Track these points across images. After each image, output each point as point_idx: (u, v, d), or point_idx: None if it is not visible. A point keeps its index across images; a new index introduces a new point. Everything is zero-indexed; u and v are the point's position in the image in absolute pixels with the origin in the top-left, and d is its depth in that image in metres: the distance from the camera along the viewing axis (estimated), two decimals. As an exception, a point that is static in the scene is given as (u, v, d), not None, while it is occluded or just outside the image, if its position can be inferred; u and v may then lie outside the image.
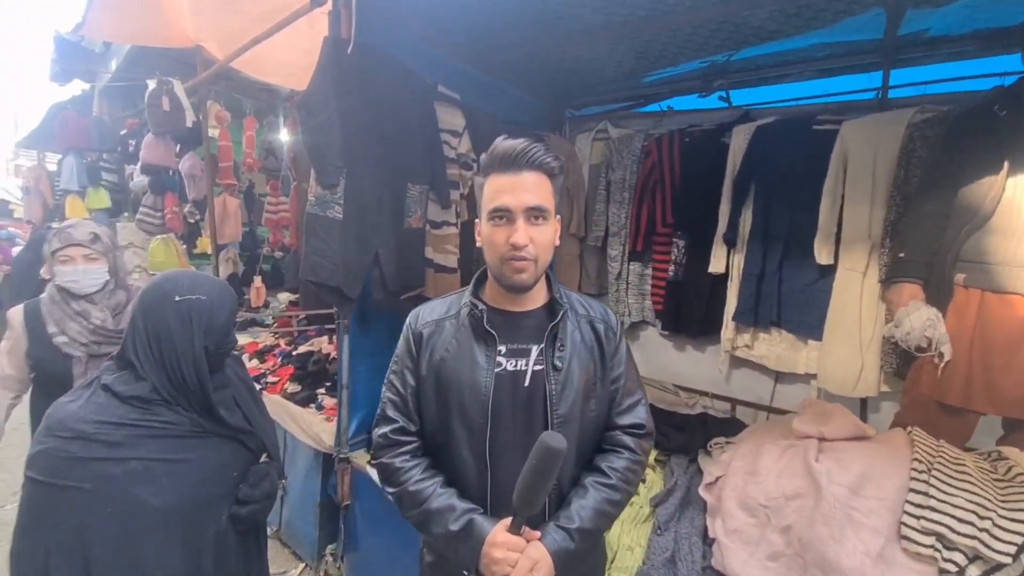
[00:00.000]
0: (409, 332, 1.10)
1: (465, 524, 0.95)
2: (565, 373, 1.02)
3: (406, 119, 2.21)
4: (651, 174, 2.81)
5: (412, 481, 1.02)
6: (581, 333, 1.07)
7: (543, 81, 2.96)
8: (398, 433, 1.07)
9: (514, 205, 0.95)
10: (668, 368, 2.99)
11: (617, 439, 1.08)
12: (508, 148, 0.98)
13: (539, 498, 0.87)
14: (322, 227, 1.96)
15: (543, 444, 0.84)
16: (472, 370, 1.01)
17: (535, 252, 0.97)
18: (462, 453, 1.02)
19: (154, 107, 3.26)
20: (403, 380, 1.09)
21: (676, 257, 2.73)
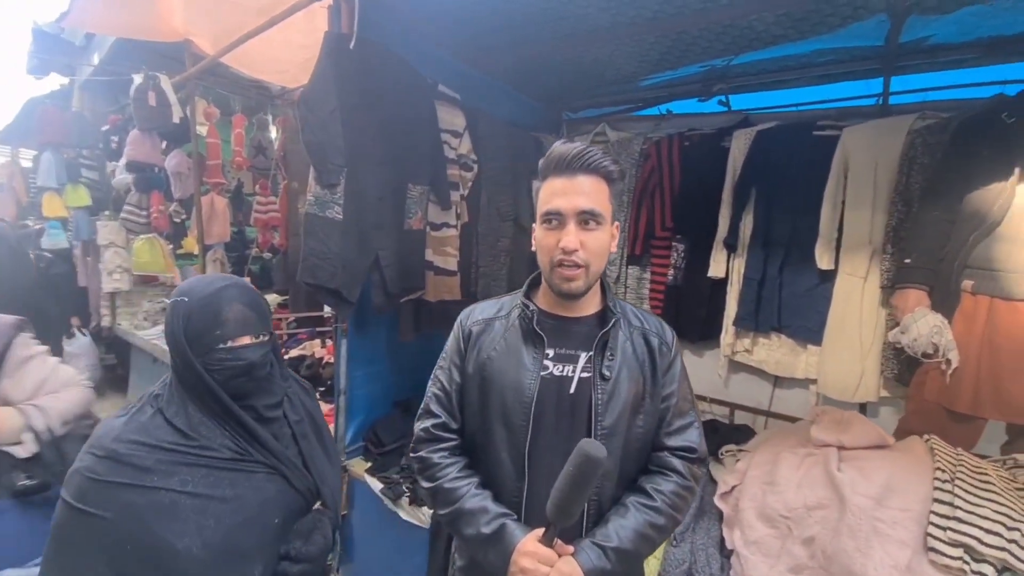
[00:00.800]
0: (459, 329, 1.10)
1: (497, 528, 0.93)
2: (613, 383, 0.99)
3: (408, 118, 2.16)
4: (650, 178, 2.79)
5: (449, 478, 1.00)
6: (633, 345, 1.04)
7: (541, 83, 2.93)
8: (440, 429, 1.06)
9: (566, 208, 0.94)
10: (667, 373, 2.97)
11: (665, 461, 1.03)
12: (564, 151, 0.96)
13: (575, 509, 0.84)
14: (321, 228, 1.90)
15: (582, 451, 0.81)
16: (518, 371, 1.00)
17: (586, 258, 0.95)
18: (500, 455, 1.00)
19: (140, 102, 3.15)
20: (449, 376, 1.08)
21: (675, 261, 2.72)
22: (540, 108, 3.16)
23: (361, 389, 2.24)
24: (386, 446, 2.16)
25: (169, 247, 3.82)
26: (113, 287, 4.53)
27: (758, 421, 2.66)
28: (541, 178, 1.01)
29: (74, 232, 4.69)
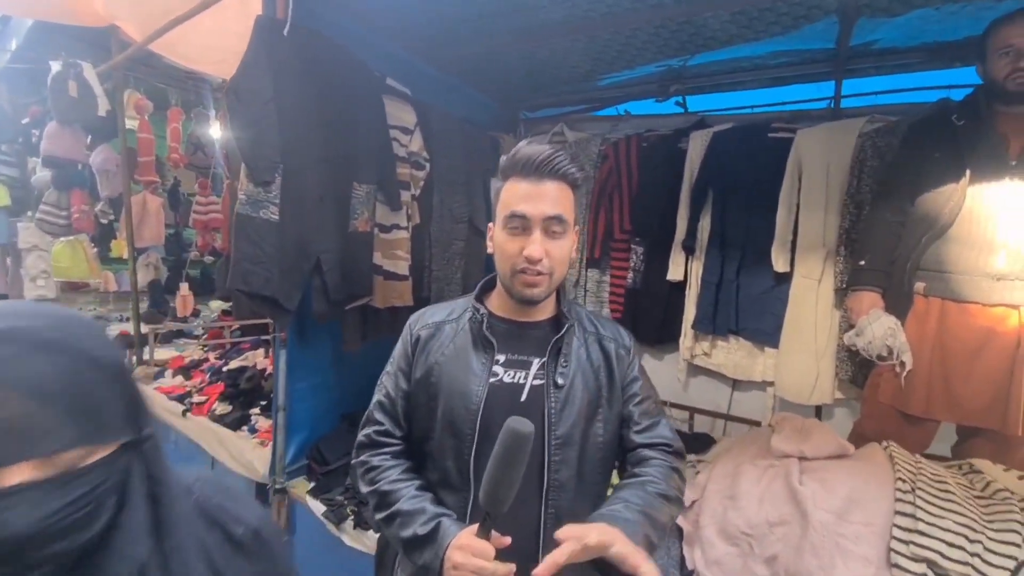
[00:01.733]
0: (408, 333, 1.05)
1: (433, 527, 0.87)
2: (567, 391, 0.95)
3: (352, 112, 2.02)
4: (608, 179, 2.74)
5: (387, 480, 0.96)
6: (588, 351, 1.01)
7: (497, 80, 2.84)
8: (382, 435, 1.02)
9: (532, 214, 0.90)
10: (627, 377, 2.93)
11: (641, 455, 1.00)
12: (532, 153, 0.92)
13: (507, 493, 0.76)
14: (254, 230, 1.75)
15: (508, 428, 0.75)
16: (466, 377, 0.96)
17: (550, 266, 0.92)
18: (446, 463, 0.96)
19: (59, 92, 2.87)
20: (395, 382, 1.03)
21: (634, 264, 2.68)
22: (496, 107, 3.06)
23: (304, 403, 2.08)
24: (330, 464, 2.01)
25: (94, 250, 3.52)
26: (37, 294, 4.16)
27: (717, 424, 2.65)
28: (503, 178, 0.97)
29: (-10, 234, 4.28)
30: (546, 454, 0.92)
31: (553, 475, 0.92)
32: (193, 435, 2.50)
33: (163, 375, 2.97)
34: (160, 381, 2.91)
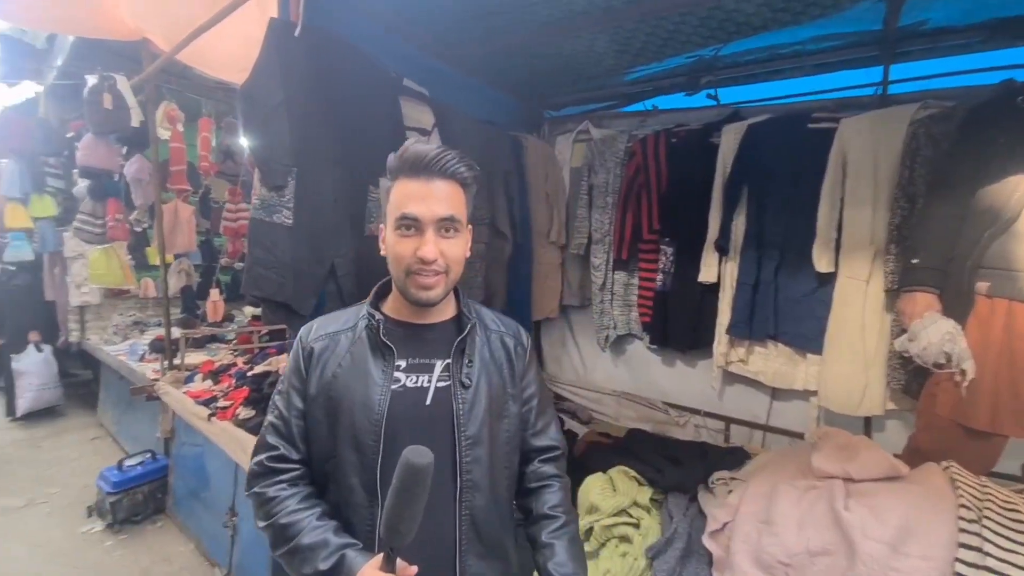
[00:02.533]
0: (298, 348, 0.99)
1: (336, 562, 0.83)
2: (474, 391, 0.95)
3: (367, 114, 1.98)
4: (636, 177, 2.62)
5: (285, 512, 0.90)
6: (491, 349, 1.02)
7: (519, 79, 2.77)
8: (276, 460, 0.95)
9: (424, 215, 0.89)
10: (656, 384, 2.80)
11: (539, 472, 1.05)
12: (419, 153, 0.91)
13: (409, 527, 0.74)
14: (267, 234, 1.72)
15: (404, 461, 0.72)
16: (366, 387, 0.92)
17: (445, 265, 0.91)
18: (350, 480, 0.91)
19: (94, 105, 2.97)
20: (288, 402, 0.97)
21: (664, 266, 2.55)
22: (518, 106, 2.99)
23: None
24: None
25: (129, 258, 3.62)
26: (82, 300, 4.34)
27: (755, 436, 2.49)
28: (392, 177, 0.96)
29: (39, 244, 4.49)
30: (458, 454, 0.92)
31: (466, 475, 0.92)
32: (218, 440, 2.51)
33: (192, 379, 3.02)
34: (189, 385, 2.95)
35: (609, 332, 2.81)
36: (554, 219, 2.93)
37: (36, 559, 2.70)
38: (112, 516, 2.92)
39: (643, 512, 1.42)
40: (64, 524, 3.03)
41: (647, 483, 1.51)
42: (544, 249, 2.98)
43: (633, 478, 1.53)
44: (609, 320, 2.80)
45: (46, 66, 4.24)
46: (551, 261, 3.00)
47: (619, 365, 2.94)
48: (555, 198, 2.93)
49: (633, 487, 1.49)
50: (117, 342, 4.23)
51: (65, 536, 2.91)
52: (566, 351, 3.18)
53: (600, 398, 2.96)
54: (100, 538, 2.90)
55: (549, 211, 2.95)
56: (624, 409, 2.86)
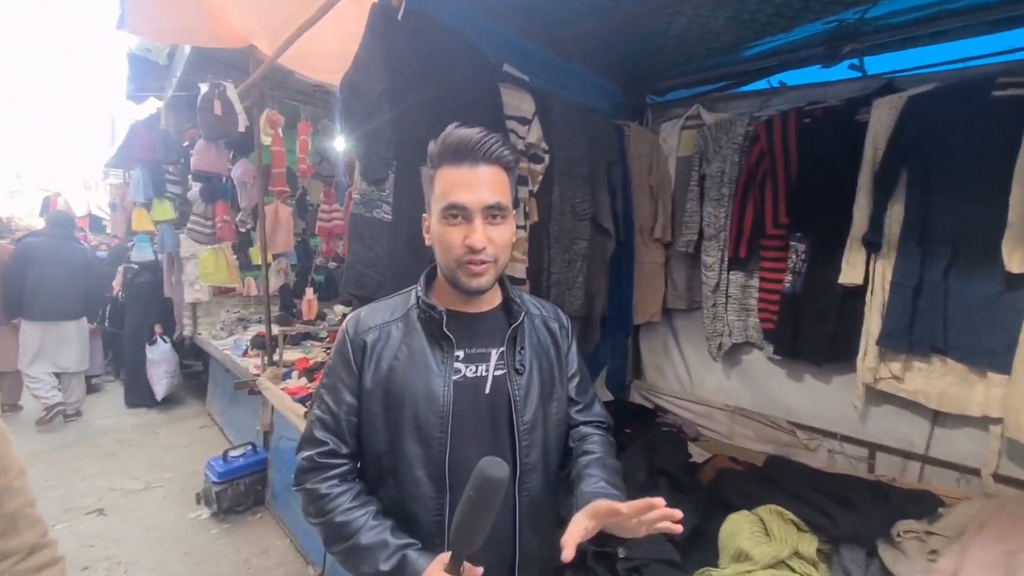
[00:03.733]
0: (347, 341, 0.97)
1: (398, 562, 0.84)
2: (527, 376, 0.97)
3: (467, 102, 1.85)
4: (759, 165, 2.31)
5: (340, 510, 0.90)
6: (538, 335, 1.04)
7: (620, 62, 2.54)
8: (326, 456, 0.94)
9: (471, 202, 0.87)
10: (780, 400, 2.45)
11: (583, 431, 1.07)
12: (462, 138, 0.89)
13: (479, 534, 0.75)
14: (368, 231, 1.64)
15: (481, 473, 0.73)
16: (428, 379, 0.92)
17: (494, 253, 0.90)
18: (415, 474, 0.91)
19: (205, 111, 3.12)
20: (337, 397, 0.96)
21: (794, 265, 2.21)
22: (618, 92, 2.76)
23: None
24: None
25: (235, 257, 3.80)
26: (194, 298, 4.66)
27: (910, 467, 2.09)
28: (433, 166, 0.93)
29: (159, 245, 4.88)
30: (516, 440, 0.93)
31: (524, 459, 0.94)
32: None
33: (290, 375, 3.08)
34: (287, 381, 3.01)
35: (722, 340, 2.51)
36: (659, 214, 2.67)
37: (151, 540, 2.85)
38: (217, 505, 3.04)
39: (809, 567, 1.15)
40: (175, 508, 3.20)
41: (810, 529, 1.24)
42: (646, 247, 2.72)
43: (790, 521, 1.26)
44: (723, 326, 2.49)
45: (167, 82, 4.60)
46: (654, 260, 2.74)
47: (733, 377, 2.62)
48: (660, 191, 2.67)
49: (792, 533, 1.22)
50: (223, 337, 4.48)
51: (176, 520, 3.07)
52: (669, 359, 2.90)
53: (710, 413, 2.66)
54: (206, 525, 3.02)
55: (653, 205, 2.69)
56: (739, 427, 2.54)
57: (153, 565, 2.63)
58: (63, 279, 4.46)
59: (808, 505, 1.31)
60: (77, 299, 4.60)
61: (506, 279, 1.02)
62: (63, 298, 4.47)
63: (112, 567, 2.61)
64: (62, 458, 3.87)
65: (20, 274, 4.30)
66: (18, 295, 4.32)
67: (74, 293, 4.56)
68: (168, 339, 4.88)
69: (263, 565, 2.67)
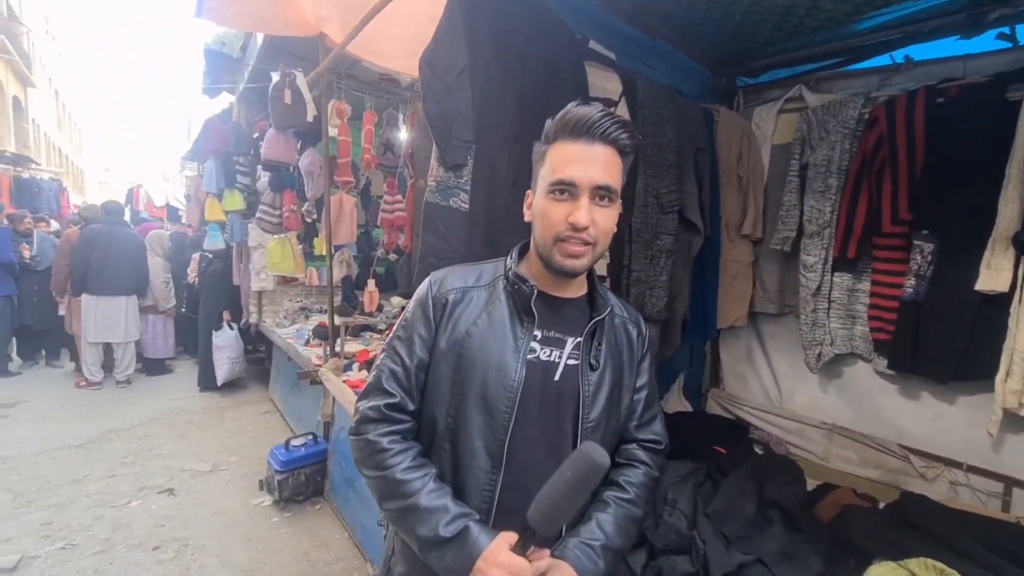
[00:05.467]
0: (429, 297, 0.94)
1: (459, 531, 0.81)
2: (600, 374, 0.94)
3: (551, 82, 1.71)
4: (876, 151, 2.02)
5: (401, 467, 0.87)
6: (616, 335, 0.99)
7: (711, 40, 2.31)
8: (393, 409, 0.90)
9: (581, 179, 0.84)
10: (889, 421, 2.16)
11: (633, 453, 1.02)
12: (583, 115, 0.85)
13: (564, 518, 0.76)
14: (443, 220, 1.52)
15: (586, 456, 0.73)
16: (503, 351, 0.89)
17: (595, 235, 0.86)
18: (474, 443, 0.88)
19: (276, 100, 3.13)
20: (410, 350, 0.93)
21: (918, 267, 1.92)
22: (706, 73, 2.52)
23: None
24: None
25: (300, 247, 3.83)
26: (260, 286, 4.78)
27: (1058, 510, 1.77)
28: (548, 141, 0.90)
29: (229, 234, 5.04)
30: (579, 437, 0.90)
31: None
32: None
33: (351, 367, 3.04)
34: (348, 373, 2.98)
35: (822, 349, 2.24)
36: (749, 207, 2.42)
37: (216, 525, 2.89)
38: (279, 493, 3.06)
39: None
40: (240, 493, 3.25)
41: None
42: (732, 244, 2.48)
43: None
44: (823, 334, 2.22)
45: (239, 75, 4.72)
46: (741, 258, 2.49)
47: (831, 391, 2.34)
48: (751, 182, 2.42)
49: (956, 596, 1.00)
50: (286, 325, 4.56)
51: (240, 506, 3.11)
52: (754, 368, 2.64)
53: (801, 430, 2.39)
54: (268, 513, 3.04)
55: (741, 198, 2.45)
56: (838, 447, 2.27)
57: (217, 550, 2.66)
58: (120, 260, 5.12)
59: (969, 560, 1.07)
60: (131, 278, 5.22)
61: (594, 271, 0.98)
62: (119, 276, 5.11)
63: (181, 548, 2.66)
64: (137, 436, 4.05)
65: (85, 256, 4.97)
66: (83, 274, 4.97)
67: (129, 272, 5.19)
68: (235, 325, 5.04)
69: (322, 559, 2.65)
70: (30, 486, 3.21)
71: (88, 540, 2.67)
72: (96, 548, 2.61)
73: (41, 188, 9.19)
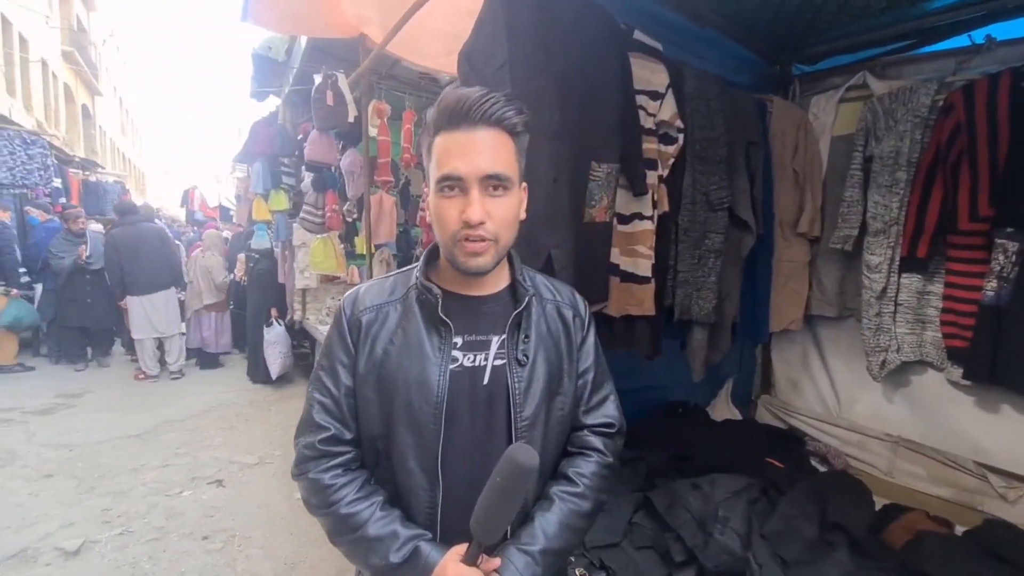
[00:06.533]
0: (343, 320, 0.91)
1: (410, 553, 0.81)
2: (530, 368, 0.89)
3: (594, 75, 1.64)
4: (952, 142, 1.85)
5: (345, 502, 0.85)
6: (547, 322, 0.94)
7: (765, 26, 2.18)
8: (329, 443, 0.87)
9: (467, 172, 0.79)
10: (965, 435, 1.98)
11: (584, 440, 0.97)
12: (459, 98, 0.80)
13: (502, 524, 0.76)
14: (482, 220, 1.47)
15: (511, 460, 0.72)
16: (422, 366, 0.86)
17: (494, 230, 0.81)
18: (407, 464, 0.87)
19: (319, 102, 3.18)
20: (335, 378, 0.90)
21: (1001, 268, 1.74)
22: (758, 62, 2.38)
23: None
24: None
25: (341, 247, 3.90)
26: (304, 284, 4.90)
27: None
28: (432, 132, 0.84)
29: (275, 234, 5.19)
30: (513, 436, 0.87)
31: None
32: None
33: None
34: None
35: (887, 356, 2.07)
36: (806, 203, 2.28)
37: (261, 517, 2.97)
38: (321, 488, 3.11)
39: None
40: (283, 488, 3.33)
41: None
42: (787, 243, 2.34)
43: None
44: (889, 340, 2.06)
45: (284, 79, 4.85)
46: (796, 258, 2.35)
47: (896, 401, 2.17)
48: (808, 176, 2.28)
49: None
50: (328, 323, 4.66)
51: (283, 500, 3.19)
52: (809, 374, 2.49)
53: (863, 441, 2.23)
54: (311, 507, 3.10)
55: (797, 194, 2.30)
56: (903, 462, 2.10)
57: (263, 542, 2.73)
58: (148, 257, 5.30)
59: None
60: (163, 272, 5.40)
61: (515, 257, 0.94)
62: (151, 272, 5.31)
63: (228, 539, 2.74)
64: (190, 427, 4.23)
65: (116, 261, 5.18)
66: (119, 278, 5.21)
67: (159, 267, 5.37)
68: (282, 322, 5.20)
69: (362, 555, 2.67)
70: (93, 473, 3.39)
71: (144, 527, 2.79)
72: (151, 535, 2.72)
73: (107, 190, 9.80)
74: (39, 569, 2.43)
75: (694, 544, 1.29)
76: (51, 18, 11.66)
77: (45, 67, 11.32)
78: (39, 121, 10.12)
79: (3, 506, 2.95)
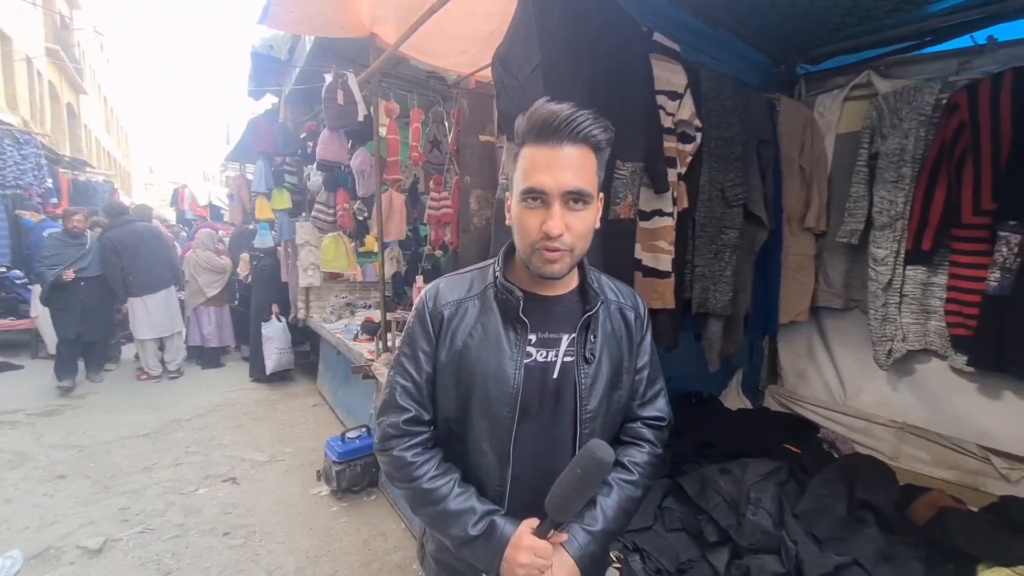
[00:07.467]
0: (426, 312, 0.98)
1: (487, 527, 0.90)
2: (595, 366, 0.97)
3: (618, 76, 1.69)
4: (956, 139, 1.94)
5: (427, 478, 0.94)
6: (612, 322, 1.01)
7: (775, 28, 2.25)
8: (410, 423, 0.97)
9: (551, 187, 0.83)
10: (969, 420, 2.08)
11: (637, 431, 1.07)
12: (549, 115, 0.83)
13: (576, 507, 0.84)
14: (517, 218, 1.53)
15: (591, 455, 0.80)
16: (499, 360, 0.93)
17: (571, 242, 0.86)
18: (481, 446, 0.95)
19: (330, 101, 3.19)
20: (417, 365, 0.97)
21: (1004, 259, 1.83)
22: (767, 62, 2.46)
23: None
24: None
25: (352, 245, 3.92)
26: (307, 283, 4.90)
27: None
28: (518, 143, 0.88)
29: (278, 232, 5.19)
30: (577, 428, 0.95)
31: (582, 445, 0.93)
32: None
33: (403, 363, 3.10)
34: (401, 369, 3.04)
35: (893, 345, 2.17)
36: (812, 199, 2.36)
37: (278, 513, 3.00)
38: (337, 483, 3.15)
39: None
40: (298, 483, 3.36)
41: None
42: (794, 237, 2.42)
43: (1074, 588, 1.00)
44: (895, 329, 2.15)
45: (285, 77, 4.84)
46: (803, 252, 2.43)
47: (901, 388, 2.27)
48: (814, 173, 2.36)
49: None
50: (332, 321, 4.68)
51: (299, 495, 3.22)
52: (815, 364, 2.58)
53: (868, 428, 2.32)
54: (327, 502, 3.14)
55: (804, 189, 2.38)
56: (909, 447, 2.20)
57: (283, 537, 2.76)
58: (147, 257, 5.29)
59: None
60: (163, 270, 5.41)
61: (585, 260, 0.99)
62: (151, 271, 5.31)
63: (248, 535, 2.77)
64: (198, 426, 4.24)
65: (118, 264, 5.13)
66: (121, 280, 5.16)
67: (158, 266, 5.38)
68: (283, 319, 5.21)
69: (382, 547, 2.72)
70: (106, 473, 3.40)
71: (163, 525, 2.82)
72: (171, 533, 2.75)
73: (96, 190, 9.66)
74: (64, 568, 2.45)
75: (728, 524, 1.36)
76: (34, 14, 11.45)
77: (30, 65, 11.11)
78: (25, 120, 9.94)
79: (20, 507, 2.95)
